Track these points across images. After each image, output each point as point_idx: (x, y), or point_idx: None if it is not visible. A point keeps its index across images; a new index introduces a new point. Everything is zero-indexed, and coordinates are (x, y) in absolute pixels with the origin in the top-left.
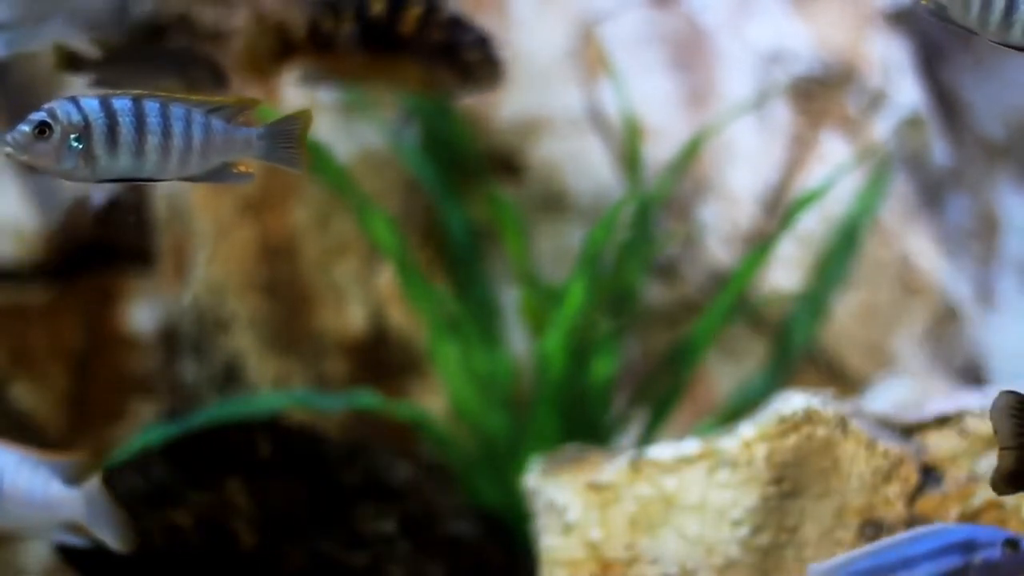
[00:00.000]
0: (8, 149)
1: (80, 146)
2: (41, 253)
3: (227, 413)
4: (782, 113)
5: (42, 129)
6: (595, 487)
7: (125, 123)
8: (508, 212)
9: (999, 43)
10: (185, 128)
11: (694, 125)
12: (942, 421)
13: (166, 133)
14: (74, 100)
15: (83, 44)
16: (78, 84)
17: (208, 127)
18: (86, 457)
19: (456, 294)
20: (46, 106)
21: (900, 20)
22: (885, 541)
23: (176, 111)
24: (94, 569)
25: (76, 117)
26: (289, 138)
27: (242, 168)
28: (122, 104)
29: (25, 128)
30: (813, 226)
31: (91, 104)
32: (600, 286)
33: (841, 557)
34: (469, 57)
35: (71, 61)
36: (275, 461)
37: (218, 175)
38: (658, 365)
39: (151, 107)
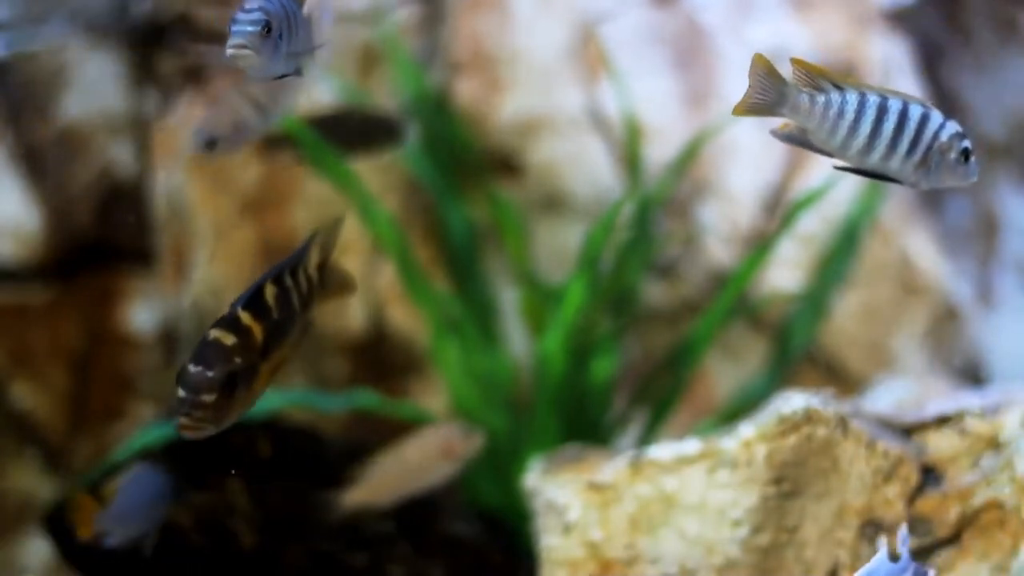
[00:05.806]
0: (246, 51)
1: (281, 44)
2: (41, 253)
3: None
4: None
5: (267, 27)
6: (595, 487)
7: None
8: (508, 212)
9: (853, 170)
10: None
11: (694, 125)
12: (942, 421)
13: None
14: None
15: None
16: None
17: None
18: None
19: (456, 294)
20: (251, 5)
21: (900, 20)
22: None
23: None
24: (94, 567)
25: (280, 13)
26: None
27: None
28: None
29: (252, 28)
30: (813, 226)
31: (275, 1)
32: (600, 286)
33: None
34: None
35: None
36: (275, 461)
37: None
38: (658, 365)
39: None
